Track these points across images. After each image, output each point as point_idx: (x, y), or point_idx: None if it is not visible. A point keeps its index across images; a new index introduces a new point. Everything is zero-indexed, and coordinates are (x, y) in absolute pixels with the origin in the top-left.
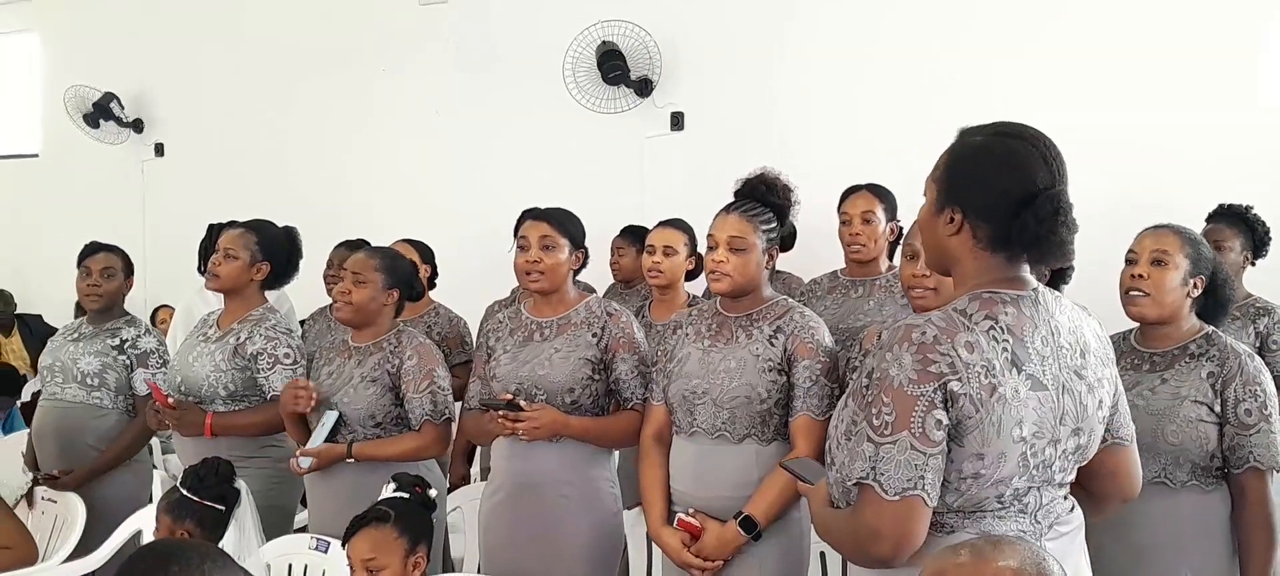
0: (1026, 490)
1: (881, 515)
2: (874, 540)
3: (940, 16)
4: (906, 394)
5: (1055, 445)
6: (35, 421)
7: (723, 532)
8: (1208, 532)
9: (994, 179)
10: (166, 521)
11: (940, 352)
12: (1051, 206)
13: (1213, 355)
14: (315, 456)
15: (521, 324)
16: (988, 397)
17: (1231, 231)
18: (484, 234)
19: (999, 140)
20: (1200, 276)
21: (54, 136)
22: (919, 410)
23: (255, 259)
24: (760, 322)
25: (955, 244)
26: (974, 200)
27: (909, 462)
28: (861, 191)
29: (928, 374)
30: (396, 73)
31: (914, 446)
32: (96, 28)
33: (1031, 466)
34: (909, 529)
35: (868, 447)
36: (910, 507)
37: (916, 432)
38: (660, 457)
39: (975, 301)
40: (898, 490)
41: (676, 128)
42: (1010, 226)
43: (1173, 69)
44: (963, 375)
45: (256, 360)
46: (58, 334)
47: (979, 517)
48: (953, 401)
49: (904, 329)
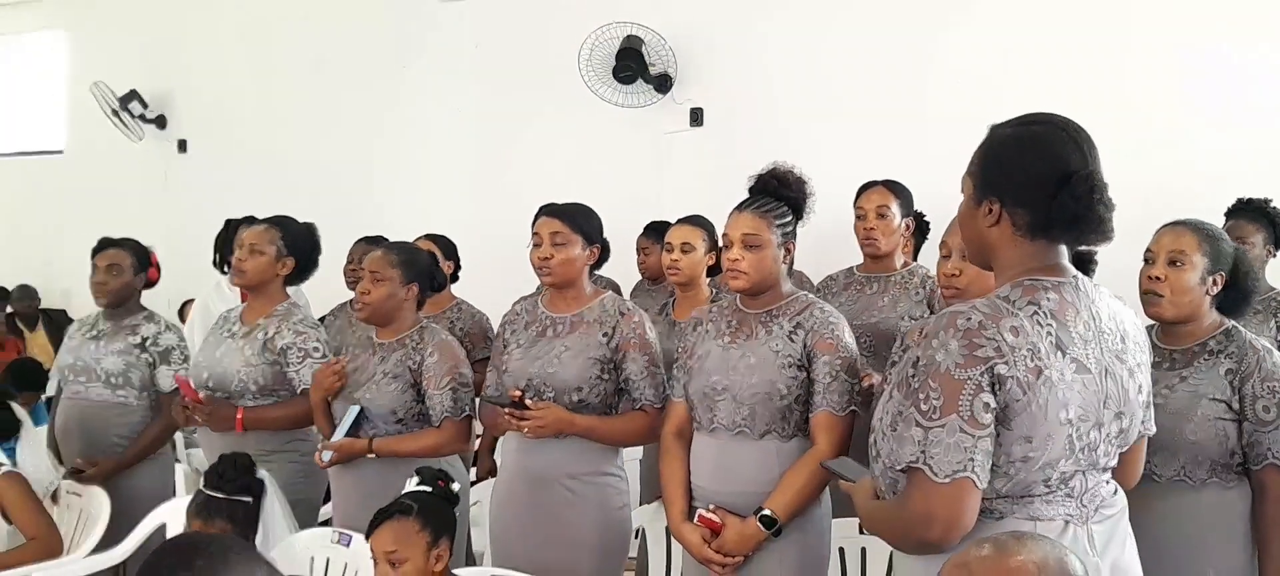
0: (1072, 474)
1: (932, 498)
2: (926, 524)
3: (958, 13)
4: (954, 378)
5: (1099, 428)
6: (59, 419)
7: (743, 529)
8: (1229, 529)
9: (1029, 164)
10: (198, 525)
11: (986, 337)
12: (1087, 185)
13: (1231, 352)
14: (336, 450)
15: (537, 318)
16: (1034, 381)
17: (1252, 226)
18: (505, 230)
19: (1028, 128)
20: (1220, 272)
21: (78, 133)
22: (967, 393)
23: (281, 254)
24: (780, 318)
25: (995, 234)
26: (1011, 187)
27: (958, 445)
28: (877, 186)
29: (974, 358)
30: (417, 70)
31: (963, 429)
32: (120, 25)
33: (1077, 449)
34: (960, 511)
35: (917, 432)
36: (960, 489)
37: (964, 415)
38: (681, 454)
39: (1018, 288)
40: (948, 472)
41: (696, 123)
42: (1049, 209)
43: (1189, 58)
44: (1009, 359)
45: (286, 354)
46: (73, 330)
47: (1027, 502)
48: (1000, 385)
49: (949, 315)
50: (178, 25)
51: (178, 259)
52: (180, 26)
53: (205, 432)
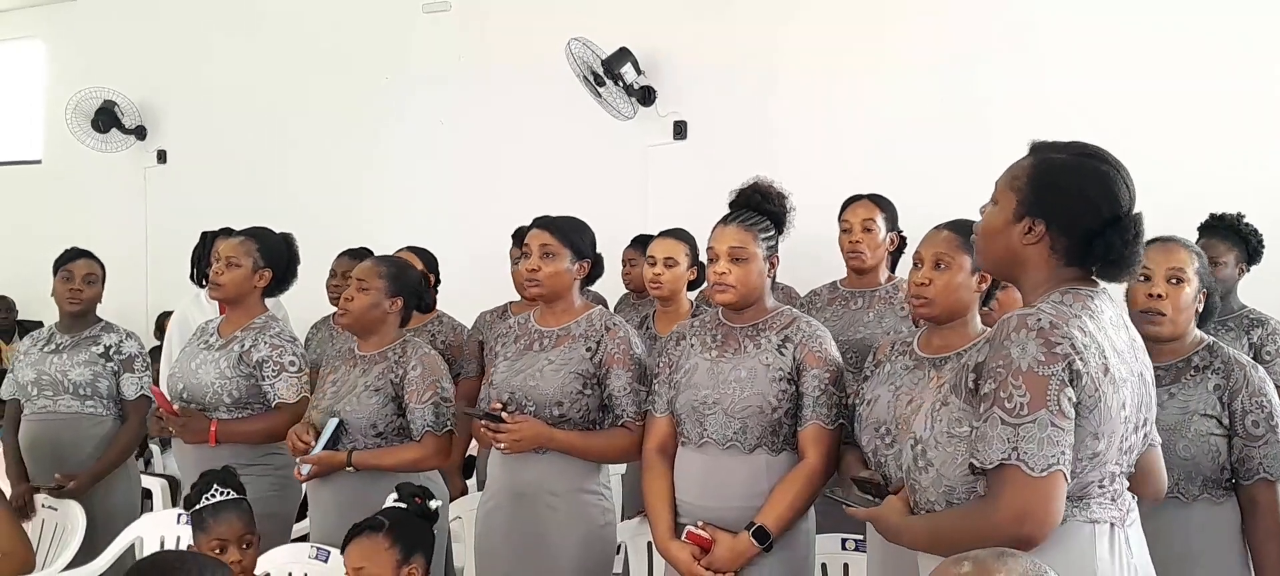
0: (1116, 475)
1: (1028, 493)
2: (1020, 521)
3: (941, 28)
4: (1038, 375)
5: (1137, 431)
6: (26, 436)
7: (735, 544)
8: (1221, 544)
9: (1085, 197)
10: (202, 538)
11: (1061, 335)
12: (1135, 229)
13: (1217, 367)
14: (315, 463)
15: (526, 331)
16: (1103, 377)
17: (1225, 245)
18: (487, 243)
19: (1088, 161)
20: (1204, 289)
21: (56, 143)
22: (1053, 387)
23: (257, 266)
24: (767, 332)
25: (1031, 253)
26: (1060, 213)
27: (1051, 438)
28: (862, 200)
29: (1054, 354)
30: (399, 82)
31: (1054, 422)
32: (100, 35)
33: (1121, 451)
34: (1055, 504)
35: (1004, 431)
36: (1054, 482)
37: (1053, 409)
38: (665, 470)
39: (1069, 293)
40: (1044, 466)
41: (679, 137)
42: (1092, 242)
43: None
44: (1083, 356)
45: (262, 367)
46: (27, 347)
47: (1085, 504)
48: (1077, 380)
49: (1017, 319)
50: (157, 35)
51: (156, 270)
52: (159, 36)
53: (179, 446)
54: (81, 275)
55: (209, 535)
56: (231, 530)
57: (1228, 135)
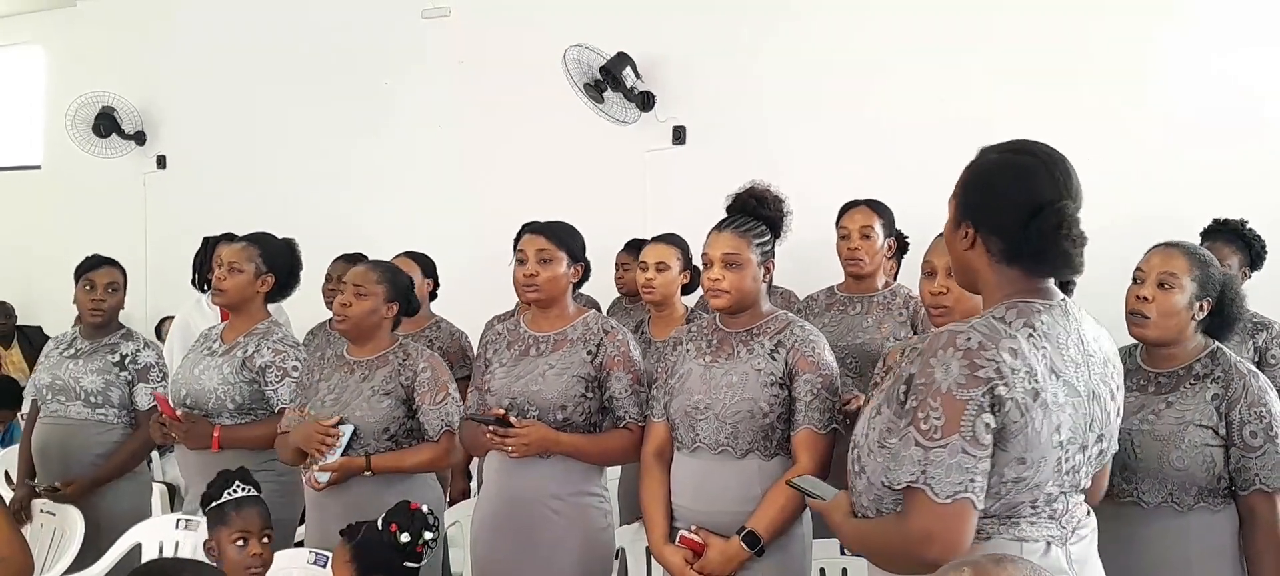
0: (1057, 495)
1: (931, 519)
2: (925, 543)
3: (940, 32)
4: (955, 399)
5: (1084, 451)
6: (37, 438)
7: (727, 548)
8: (1217, 553)
9: (1002, 193)
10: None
11: (987, 358)
12: (1055, 219)
13: (1217, 376)
14: (334, 470)
15: (519, 337)
16: (1032, 403)
17: (1228, 248)
18: (486, 247)
19: (1009, 156)
20: (1208, 298)
21: (56, 148)
22: (969, 414)
23: (260, 272)
24: (760, 337)
25: (972, 258)
26: (985, 214)
27: (960, 465)
28: (860, 206)
29: (975, 378)
30: (398, 86)
31: (965, 449)
32: (99, 41)
33: (1063, 471)
34: (959, 531)
35: (916, 452)
36: (960, 510)
37: (966, 436)
38: (661, 475)
39: (1013, 310)
40: (949, 493)
41: (678, 141)
42: (1017, 239)
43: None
44: (1009, 380)
45: (264, 373)
46: (50, 349)
47: (1014, 523)
48: (999, 406)
49: (949, 335)
50: (156, 41)
51: (156, 276)
52: (159, 42)
53: (182, 451)
54: (103, 283)
55: (231, 527)
56: (253, 523)
57: (1228, 135)
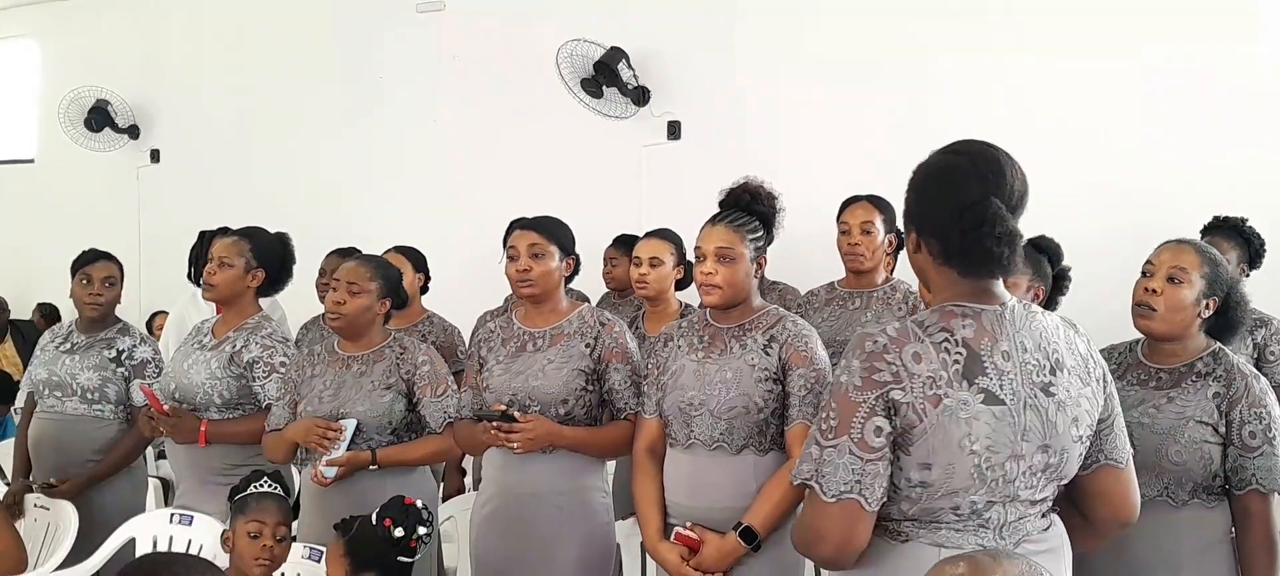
0: (987, 505)
1: (822, 517)
2: (817, 541)
3: (935, 25)
4: (850, 400)
5: (1017, 460)
6: (33, 433)
7: (723, 544)
8: (1210, 548)
9: (932, 195)
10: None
11: (886, 361)
12: (975, 218)
13: (1219, 375)
14: (342, 465)
15: (514, 334)
16: (932, 408)
17: (1227, 244)
18: (479, 243)
19: (942, 157)
20: (1214, 298)
21: (50, 142)
22: (860, 416)
23: (250, 266)
24: (753, 332)
25: (920, 261)
26: (921, 217)
27: (847, 466)
28: (861, 201)
29: (871, 381)
30: (392, 81)
31: (852, 451)
32: (93, 35)
33: (989, 481)
34: (849, 532)
35: (814, 450)
36: (847, 511)
37: (856, 438)
38: (654, 471)
39: (936, 314)
40: (835, 493)
41: (674, 137)
42: (951, 240)
43: (1169, 76)
44: (906, 384)
45: (252, 368)
46: (46, 343)
47: (935, 528)
48: (894, 410)
49: (860, 337)
50: (150, 35)
51: (150, 270)
52: (152, 36)
53: (171, 446)
54: (100, 277)
55: (247, 516)
56: (271, 517)
57: (1229, 137)
